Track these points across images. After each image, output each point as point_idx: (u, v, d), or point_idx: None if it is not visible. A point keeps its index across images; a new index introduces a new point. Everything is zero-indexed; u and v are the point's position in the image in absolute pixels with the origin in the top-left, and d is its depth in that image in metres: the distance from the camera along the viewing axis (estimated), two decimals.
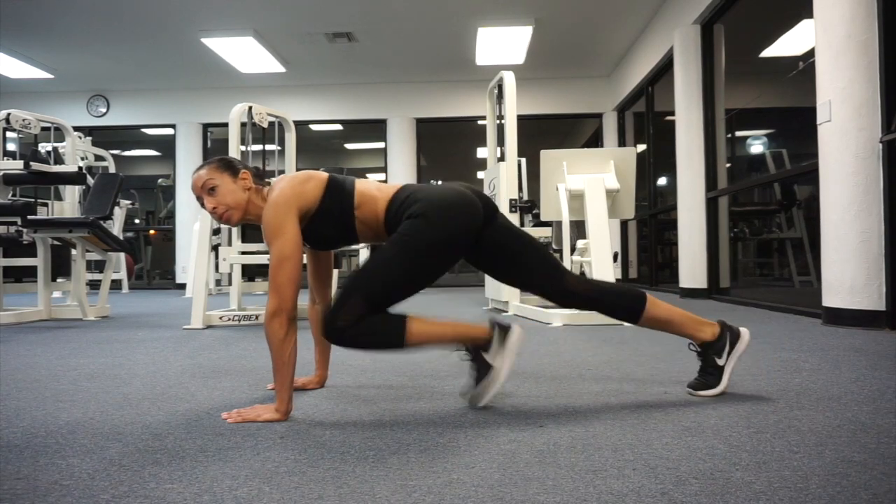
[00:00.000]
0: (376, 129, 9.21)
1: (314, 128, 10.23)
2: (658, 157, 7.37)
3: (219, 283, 6.42)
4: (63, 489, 1.06)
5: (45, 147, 5.23)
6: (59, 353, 2.66)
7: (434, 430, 1.40)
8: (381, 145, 9.23)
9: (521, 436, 1.34)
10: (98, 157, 7.34)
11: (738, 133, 6.71)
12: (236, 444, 1.30)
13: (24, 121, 4.34)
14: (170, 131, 9.25)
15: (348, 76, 8.54)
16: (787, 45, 5.74)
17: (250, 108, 3.99)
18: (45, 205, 4.76)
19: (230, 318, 3.84)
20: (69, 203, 4.98)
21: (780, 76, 5.98)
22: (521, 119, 5.31)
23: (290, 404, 1.52)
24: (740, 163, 6.93)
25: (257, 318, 3.89)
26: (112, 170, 7.13)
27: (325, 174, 1.62)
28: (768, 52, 6.11)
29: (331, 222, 1.61)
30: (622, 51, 7.72)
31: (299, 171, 1.66)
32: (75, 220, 4.18)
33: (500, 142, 4.79)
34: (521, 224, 6.16)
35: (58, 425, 1.47)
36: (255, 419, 1.48)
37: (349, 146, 13.09)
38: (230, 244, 3.95)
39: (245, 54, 7.40)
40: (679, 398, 1.67)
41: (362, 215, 1.60)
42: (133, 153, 12.92)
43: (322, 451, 1.25)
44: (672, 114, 5.92)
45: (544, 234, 5.28)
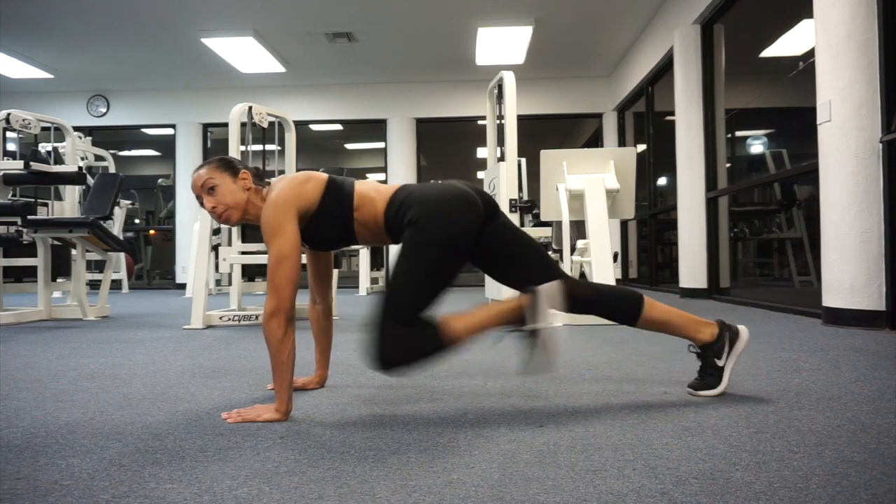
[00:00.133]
0: (376, 129, 9.21)
1: (314, 128, 10.23)
2: (658, 157, 7.37)
3: (219, 283, 6.42)
4: (63, 489, 1.06)
5: (45, 147, 5.22)
6: (59, 353, 2.66)
7: (434, 430, 1.40)
8: (381, 145, 9.23)
9: (521, 436, 1.34)
10: (98, 157, 7.34)
11: (738, 133, 6.72)
12: (236, 444, 1.30)
13: (24, 121, 4.35)
14: (170, 131, 9.25)
15: (348, 76, 8.54)
16: (787, 45, 5.74)
17: (250, 108, 3.99)
18: (45, 205, 4.76)
19: (230, 318, 3.84)
20: (69, 203, 4.98)
21: (780, 76, 5.99)
22: (521, 119, 5.30)
23: (290, 404, 1.52)
24: (740, 163, 6.93)
25: (257, 318, 3.89)
26: (112, 170, 7.12)
27: (324, 175, 1.62)
28: (768, 52, 6.11)
29: (330, 223, 1.61)
30: (622, 51, 7.72)
31: (299, 172, 1.65)
32: (75, 220, 4.18)
33: (500, 142, 4.78)
34: (521, 224, 6.17)
35: (58, 425, 1.47)
36: (255, 419, 1.48)
37: (349, 146, 13.09)
38: (230, 244, 3.95)
39: (245, 54, 7.41)
40: (679, 398, 1.67)
41: (361, 217, 1.60)
42: (133, 153, 12.93)
43: (322, 451, 1.25)
44: (672, 114, 5.92)
45: (544, 234, 5.28)
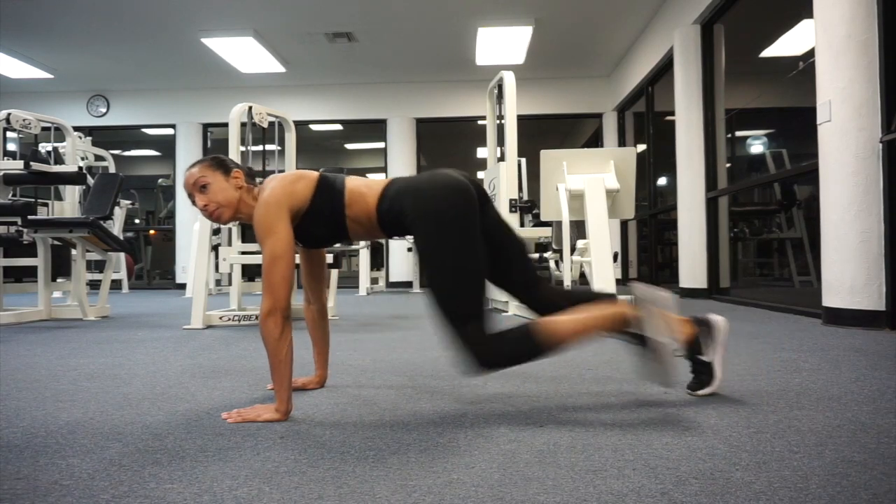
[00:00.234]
0: (376, 129, 9.21)
1: (314, 128, 10.23)
2: (658, 157, 7.37)
3: (219, 283, 6.42)
4: (63, 489, 1.06)
5: (45, 147, 5.22)
6: (59, 353, 2.66)
7: (434, 430, 1.40)
8: (381, 145, 9.23)
9: (521, 436, 1.34)
10: (98, 157, 7.34)
11: (738, 133, 6.71)
12: (236, 444, 1.30)
13: (24, 121, 4.34)
14: (170, 131, 9.25)
15: (348, 76, 8.53)
16: (787, 45, 5.74)
17: (250, 108, 3.99)
18: (46, 205, 4.76)
19: (230, 318, 3.84)
20: (69, 203, 4.98)
21: (780, 76, 5.98)
22: (521, 119, 5.31)
23: (290, 404, 1.52)
24: (740, 163, 6.92)
25: (257, 318, 3.89)
26: (112, 170, 7.12)
27: (315, 173, 1.63)
28: (768, 52, 6.11)
29: (321, 221, 1.61)
30: (622, 51, 7.72)
31: (290, 171, 1.66)
32: (75, 220, 4.18)
33: (500, 142, 4.78)
34: (521, 224, 6.17)
35: (58, 425, 1.47)
36: (255, 419, 1.48)
37: (349, 146, 13.08)
38: (230, 244, 3.96)
39: (245, 54, 7.41)
40: (679, 398, 1.67)
41: (353, 214, 1.60)
42: (133, 153, 12.92)
43: (322, 451, 1.25)
44: (672, 114, 5.92)
45: (544, 234, 5.27)
